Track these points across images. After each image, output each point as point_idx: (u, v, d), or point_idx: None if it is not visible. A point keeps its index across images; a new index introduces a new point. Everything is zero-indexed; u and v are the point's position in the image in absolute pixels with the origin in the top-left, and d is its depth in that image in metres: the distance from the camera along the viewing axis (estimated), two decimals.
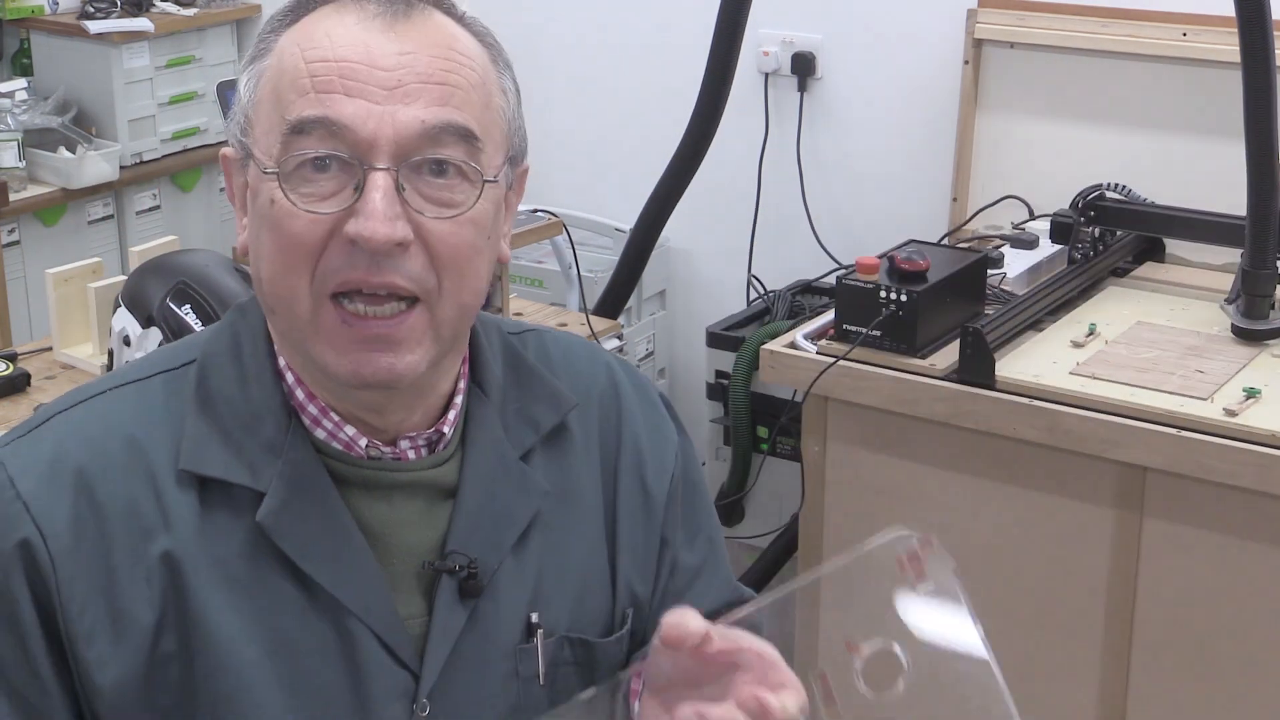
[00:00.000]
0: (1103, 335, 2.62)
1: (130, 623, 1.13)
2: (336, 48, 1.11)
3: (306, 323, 1.13)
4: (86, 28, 4.00)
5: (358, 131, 1.10)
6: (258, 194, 1.14)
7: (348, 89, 1.10)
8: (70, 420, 1.18)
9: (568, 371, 1.32)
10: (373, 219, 1.09)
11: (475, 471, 1.22)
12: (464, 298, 1.16)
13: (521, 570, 1.22)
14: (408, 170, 1.11)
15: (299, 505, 1.16)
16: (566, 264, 3.54)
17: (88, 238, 4.03)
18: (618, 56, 3.93)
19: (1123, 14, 3.15)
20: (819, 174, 3.67)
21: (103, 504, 1.14)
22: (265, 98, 1.14)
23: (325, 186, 1.11)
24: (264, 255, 1.14)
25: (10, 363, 2.54)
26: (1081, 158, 3.19)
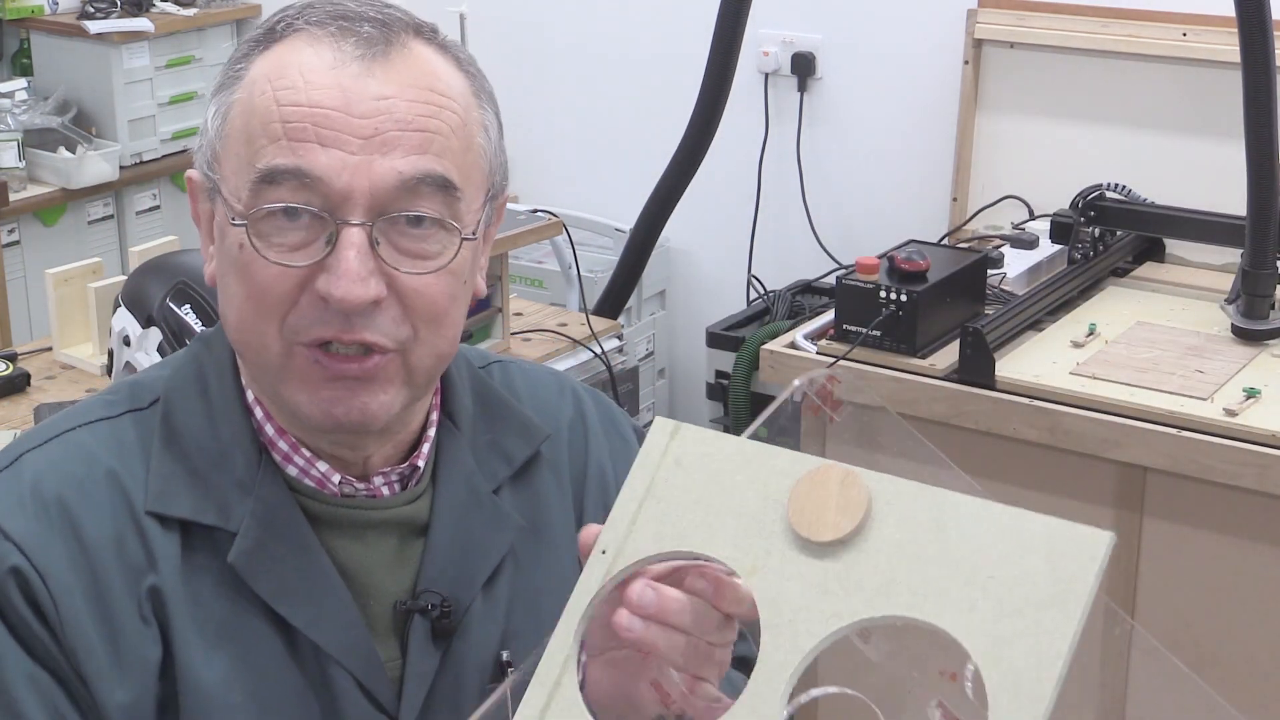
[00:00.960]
0: (1103, 335, 2.62)
1: (136, 660, 1.09)
2: (311, 91, 1.06)
3: (278, 366, 1.10)
4: (86, 28, 4.00)
5: (331, 184, 1.05)
6: (225, 235, 1.10)
7: (321, 138, 1.06)
8: (46, 456, 1.13)
9: (534, 402, 1.28)
10: (345, 279, 1.05)
11: (447, 506, 1.19)
12: (440, 346, 1.13)
13: (492, 608, 1.19)
14: (383, 224, 1.07)
15: (272, 545, 1.12)
16: (566, 264, 3.54)
17: (88, 238, 4.03)
18: (618, 57, 3.93)
19: (1123, 14, 3.15)
20: (819, 174, 3.67)
21: (91, 542, 1.10)
22: (234, 134, 1.10)
23: (295, 237, 1.07)
24: (231, 298, 1.11)
25: (10, 363, 2.54)
26: (1081, 158, 3.19)
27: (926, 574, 0.95)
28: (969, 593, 0.94)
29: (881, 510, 0.97)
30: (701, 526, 1.01)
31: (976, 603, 0.93)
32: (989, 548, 0.94)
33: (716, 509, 1.01)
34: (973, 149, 3.36)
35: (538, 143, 4.14)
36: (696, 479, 1.02)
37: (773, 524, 0.99)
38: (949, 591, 0.94)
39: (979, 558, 0.94)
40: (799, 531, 0.98)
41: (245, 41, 1.14)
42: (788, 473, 1.00)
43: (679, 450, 1.04)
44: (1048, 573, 0.92)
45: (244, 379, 1.17)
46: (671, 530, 1.01)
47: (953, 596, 0.94)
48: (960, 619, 0.93)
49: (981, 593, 0.93)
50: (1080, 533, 0.94)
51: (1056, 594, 0.92)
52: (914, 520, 0.96)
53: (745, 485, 1.01)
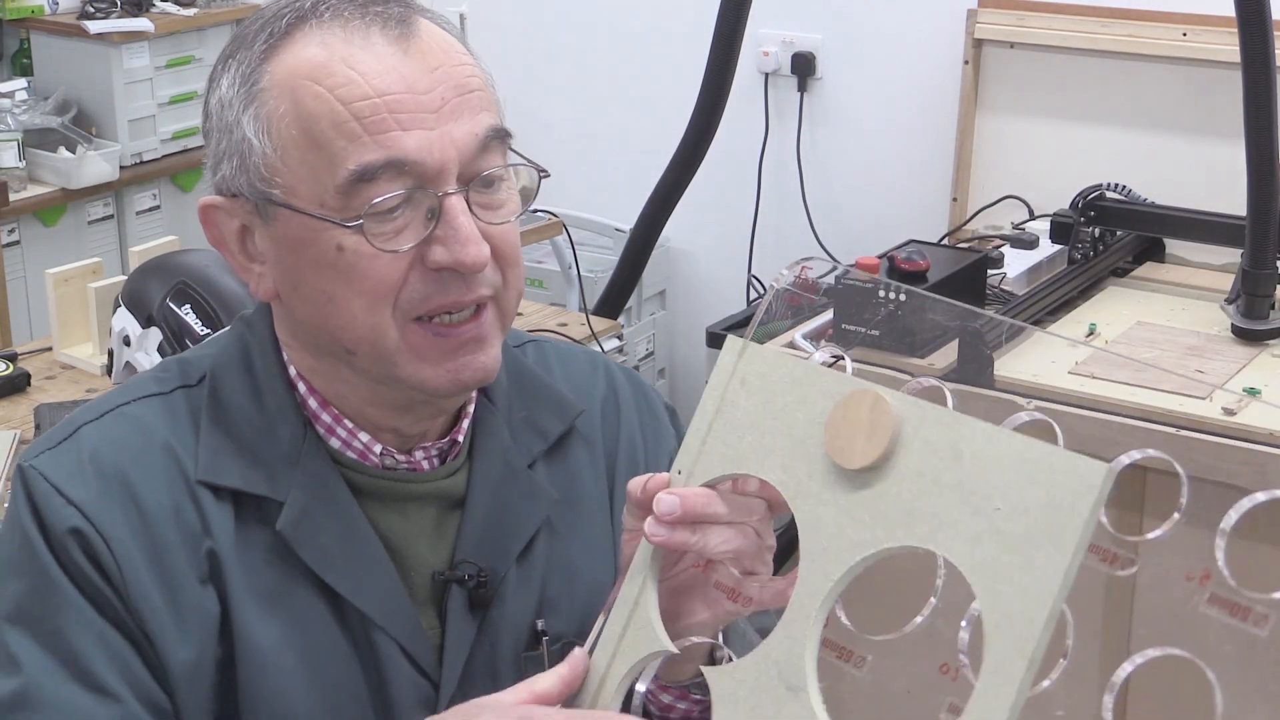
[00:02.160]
0: (1103, 335, 2.62)
1: (196, 619, 1.12)
2: (371, 80, 1.09)
3: (395, 350, 1.12)
4: (86, 28, 4.00)
5: (426, 163, 1.09)
6: (308, 244, 1.11)
7: (401, 123, 1.08)
8: (103, 429, 1.16)
9: (568, 379, 1.32)
10: (469, 244, 1.10)
11: (483, 480, 1.22)
12: (519, 284, 1.18)
13: (527, 578, 1.22)
14: (470, 186, 1.12)
15: (318, 515, 1.15)
16: (566, 264, 3.55)
17: (88, 238, 4.03)
18: (618, 56, 3.93)
19: (1123, 14, 3.15)
20: (819, 174, 3.67)
21: (149, 508, 1.13)
22: (292, 143, 1.10)
23: (398, 222, 1.10)
24: (334, 302, 1.12)
25: (10, 363, 2.54)
26: (1081, 158, 3.19)
27: (942, 504, 0.96)
28: (977, 524, 0.94)
29: (908, 436, 0.98)
30: (758, 449, 1.03)
31: (983, 535, 0.94)
32: (997, 477, 0.94)
33: (770, 431, 1.03)
34: (973, 149, 3.36)
35: (537, 142, 4.14)
36: (756, 400, 1.04)
37: (816, 448, 1.01)
38: (960, 523, 0.95)
39: (988, 488, 0.94)
40: (833, 458, 1.00)
41: (253, 48, 1.13)
42: (832, 394, 1.01)
43: (745, 369, 1.06)
44: (1045, 505, 0.93)
45: (285, 355, 1.20)
46: (734, 452, 1.04)
47: (963, 528, 0.95)
48: (967, 552, 0.94)
49: (987, 524, 0.94)
50: (1077, 464, 0.93)
51: (1051, 528, 0.92)
52: (935, 447, 0.97)
53: (795, 407, 1.03)
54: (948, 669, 0.95)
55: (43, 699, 1.08)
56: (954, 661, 0.96)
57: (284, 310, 1.18)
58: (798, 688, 0.98)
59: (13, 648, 1.10)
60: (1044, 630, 0.90)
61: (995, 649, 0.91)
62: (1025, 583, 0.92)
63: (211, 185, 1.17)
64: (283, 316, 1.19)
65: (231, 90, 1.13)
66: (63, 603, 1.10)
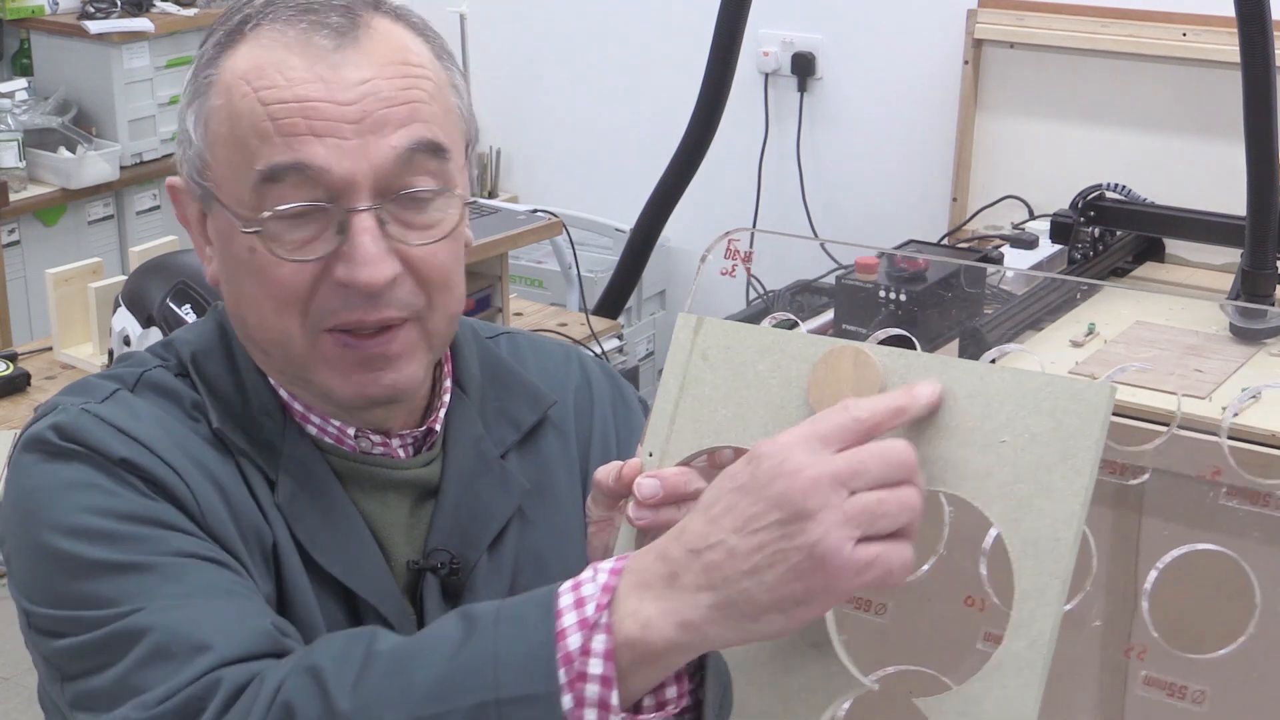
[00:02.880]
0: (1102, 335, 2.62)
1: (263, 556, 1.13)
2: (294, 86, 1.08)
3: (304, 355, 1.13)
4: (86, 28, 4.00)
5: (333, 172, 1.07)
6: (231, 240, 1.12)
7: (314, 129, 1.07)
8: (141, 396, 1.17)
9: (541, 371, 1.32)
10: (366, 264, 1.08)
11: (456, 469, 1.23)
12: (452, 308, 1.16)
13: (498, 567, 1.23)
14: (388, 203, 1.10)
15: (305, 496, 1.16)
16: (566, 264, 3.55)
17: (88, 238, 4.03)
18: (618, 57, 3.93)
19: (1123, 14, 3.15)
20: (819, 174, 3.67)
21: (200, 460, 1.13)
22: (220, 141, 1.11)
23: (305, 232, 1.09)
24: (247, 300, 1.13)
25: (10, 363, 2.54)
26: (1081, 158, 3.19)
27: (943, 446, 0.96)
28: (985, 460, 0.95)
29: (894, 385, 0.98)
30: (735, 420, 1.03)
31: (993, 469, 0.94)
32: (997, 412, 0.95)
33: (746, 401, 1.03)
34: (973, 149, 3.36)
35: (538, 143, 4.14)
36: (723, 373, 1.05)
37: (797, 410, 1.01)
38: (966, 460, 0.95)
39: (990, 423, 0.95)
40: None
41: (208, 45, 1.15)
42: (805, 356, 1.02)
43: (704, 344, 1.07)
44: (1055, 431, 0.94)
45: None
46: (708, 426, 1.04)
47: (970, 465, 0.95)
48: (979, 487, 0.95)
49: (996, 458, 0.95)
50: (1081, 389, 0.95)
51: (1065, 452, 0.93)
52: None
53: (768, 374, 1.03)
54: (973, 601, 0.95)
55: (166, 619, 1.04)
56: (978, 593, 0.97)
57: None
58: (821, 643, 0.98)
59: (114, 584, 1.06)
60: (1072, 550, 0.92)
61: (1027, 574, 0.92)
62: (1046, 507, 0.93)
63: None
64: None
65: (187, 84, 1.15)
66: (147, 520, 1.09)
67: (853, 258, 2.69)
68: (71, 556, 1.07)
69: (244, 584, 1.09)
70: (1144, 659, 1.04)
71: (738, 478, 0.93)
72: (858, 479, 0.90)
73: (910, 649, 1.07)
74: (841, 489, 0.89)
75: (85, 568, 1.06)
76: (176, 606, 1.03)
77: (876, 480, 0.90)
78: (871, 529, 0.90)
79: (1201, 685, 1.03)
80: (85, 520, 1.07)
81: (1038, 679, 0.92)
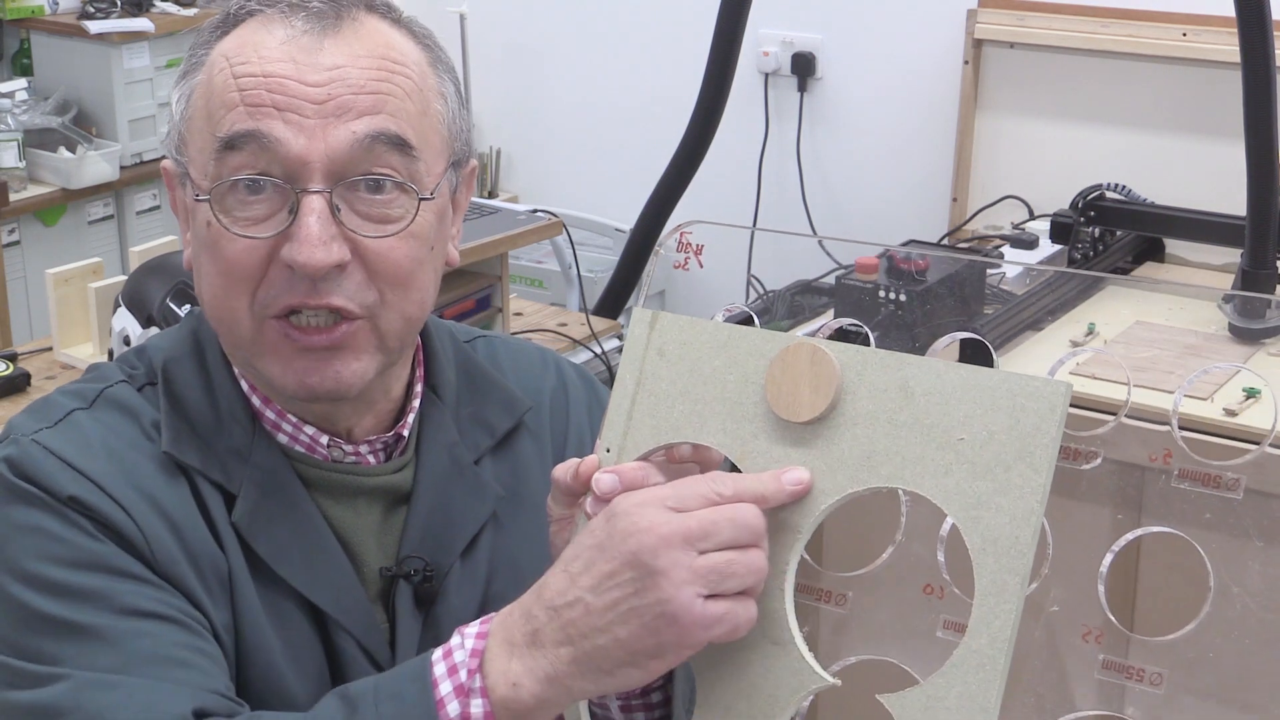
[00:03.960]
0: (1102, 335, 2.62)
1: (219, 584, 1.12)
2: (265, 63, 1.10)
3: (250, 340, 1.13)
4: (86, 28, 4.00)
5: (289, 149, 1.08)
6: (194, 215, 1.13)
7: (277, 103, 1.09)
8: (95, 415, 1.16)
9: (517, 375, 1.32)
10: (307, 244, 1.08)
11: (429, 475, 1.22)
12: (408, 310, 1.15)
13: (472, 574, 1.22)
14: (343, 189, 1.10)
15: (270, 508, 1.15)
16: (566, 264, 3.55)
17: (88, 238, 4.03)
18: (618, 56, 3.93)
19: (1123, 14, 3.15)
20: (819, 174, 3.67)
21: (149, 490, 1.12)
22: (196, 115, 1.13)
23: (259, 210, 1.10)
24: (204, 276, 1.14)
25: (10, 363, 2.54)
26: (1081, 158, 3.19)
27: (902, 442, 0.98)
28: (943, 457, 0.96)
29: (852, 382, 0.99)
30: (692, 416, 1.04)
31: (951, 466, 0.96)
32: (955, 409, 0.97)
33: (702, 397, 1.04)
34: (973, 149, 3.36)
35: (538, 143, 4.14)
36: (680, 368, 1.05)
37: (754, 407, 1.02)
38: (925, 458, 0.97)
39: (947, 420, 0.97)
40: (778, 413, 1.01)
41: (204, 30, 1.16)
42: (761, 352, 1.02)
43: (660, 340, 1.06)
44: (1012, 429, 0.95)
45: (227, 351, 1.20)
46: (665, 422, 1.05)
47: (929, 463, 0.97)
48: (938, 484, 0.96)
49: (955, 456, 0.96)
50: (1038, 386, 0.96)
51: (1023, 449, 0.95)
52: (883, 388, 0.99)
53: (724, 370, 1.04)
54: (931, 589, 0.97)
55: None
56: (937, 581, 0.99)
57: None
58: (784, 641, 1.00)
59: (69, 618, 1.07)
60: (1031, 547, 0.94)
61: (986, 572, 0.94)
62: (1005, 505, 0.95)
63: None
64: None
65: (183, 66, 1.16)
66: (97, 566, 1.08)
67: (853, 258, 2.69)
68: (20, 603, 1.08)
69: (186, 640, 1.08)
70: (1101, 643, 1.06)
71: (595, 534, 0.98)
72: (707, 540, 0.95)
73: (871, 639, 1.09)
74: (690, 549, 0.94)
75: (31, 618, 1.07)
76: (102, 685, 1.04)
77: (726, 542, 0.95)
78: (719, 588, 0.95)
79: (1159, 668, 1.06)
80: (36, 567, 1.08)
81: (999, 675, 0.94)
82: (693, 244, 1.29)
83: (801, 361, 1.00)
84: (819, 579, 1.06)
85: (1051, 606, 1.03)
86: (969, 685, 0.95)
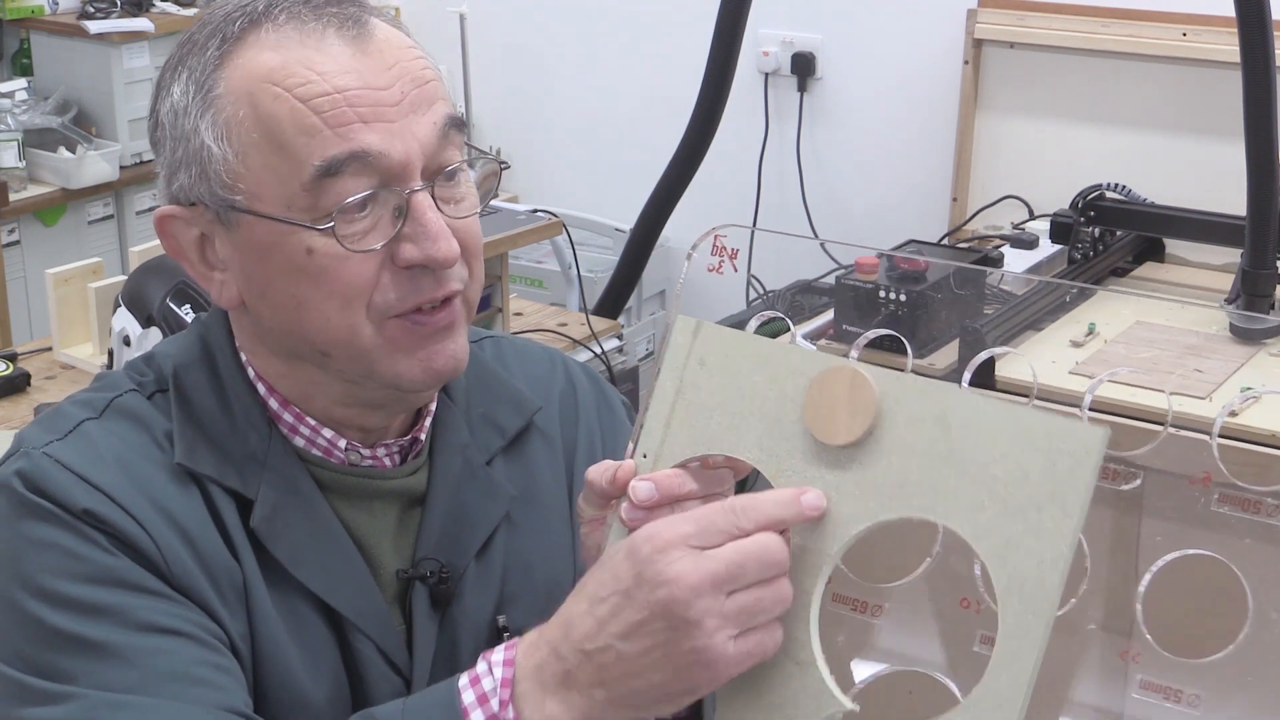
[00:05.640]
0: (1102, 335, 2.62)
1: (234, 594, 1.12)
2: (329, 78, 1.08)
3: (372, 348, 1.12)
4: (86, 28, 4.00)
5: (391, 156, 1.08)
6: (275, 249, 1.10)
7: (362, 116, 1.08)
8: (105, 426, 1.15)
9: (526, 376, 1.32)
10: (439, 240, 1.10)
11: (443, 477, 1.22)
12: (482, 276, 1.18)
13: (487, 575, 1.23)
14: (435, 182, 1.11)
15: (288, 512, 1.15)
16: (566, 264, 3.55)
17: (88, 238, 4.03)
18: (618, 56, 3.93)
19: (1123, 14, 3.15)
20: (819, 174, 3.67)
21: (162, 502, 1.12)
22: (254, 148, 1.09)
23: (365, 223, 1.09)
24: (305, 306, 1.11)
25: (10, 363, 2.54)
26: (1081, 158, 3.19)
27: (936, 474, 0.97)
28: (976, 493, 0.95)
29: (890, 409, 0.99)
30: (729, 429, 1.04)
31: (984, 503, 0.95)
32: (991, 445, 0.96)
33: (741, 411, 1.04)
34: (973, 149, 3.36)
35: (538, 143, 4.15)
36: (720, 380, 1.05)
37: (792, 425, 1.02)
38: (958, 492, 0.96)
39: (983, 456, 0.96)
40: (815, 435, 1.01)
41: (199, 54, 1.12)
42: (803, 371, 1.02)
43: (702, 350, 1.06)
44: (1047, 471, 0.94)
45: (244, 357, 1.19)
46: (702, 433, 1.05)
47: (962, 497, 0.96)
48: (969, 520, 0.95)
49: (988, 493, 0.95)
50: (1076, 430, 0.95)
51: (1056, 492, 0.94)
52: (920, 418, 0.98)
53: (764, 386, 1.03)
54: (968, 603, 0.97)
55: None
56: (974, 595, 0.98)
57: (249, 317, 1.16)
58: (806, 663, 1.00)
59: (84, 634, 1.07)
60: (1058, 591, 0.93)
61: (1011, 612, 0.94)
62: (1034, 547, 0.94)
63: (166, 195, 1.16)
64: (246, 323, 1.17)
65: (185, 98, 1.13)
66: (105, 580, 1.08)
67: (853, 258, 2.69)
68: (35, 619, 1.07)
69: (203, 656, 1.08)
70: (1139, 662, 1.05)
71: (621, 579, 0.98)
72: (735, 582, 0.95)
73: (908, 650, 1.08)
74: (720, 594, 0.95)
75: (46, 634, 1.06)
76: (118, 705, 1.03)
77: (753, 580, 0.96)
78: (749, 625, 0.96)
79: (1196, 689, 1.04)
80: (52, 583, 1.07)
81: (1017, 716, 0.94)
82: (727, 248, 1.28)
83: (841, 384, 1.00)
84: (855, 589, 1.05)
85: (1089, 625, 1.03)
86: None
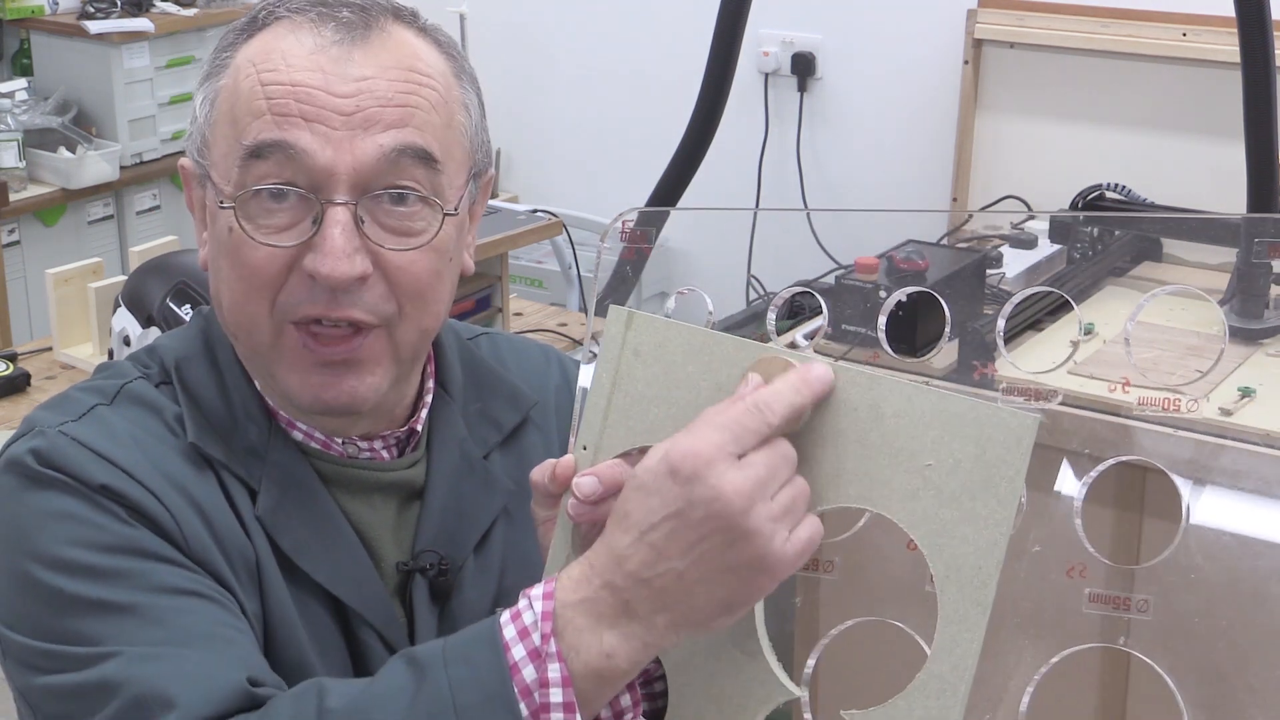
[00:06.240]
0: (1101, 335, 2.62)
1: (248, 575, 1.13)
2: (293, 72, 1.09)
3: (268, 347, 1.13)
4: (86, 28, 4.00)
5: (315, 159, 1.08)
6: (216, 219, 1.13)
7: (305, 114, 1.08)
8: (118, 411, 1.16)
9: (521, 371, 1.33)
10: (331, 256, 1.08)
11: (441, 470, 1.23)
12: (425, 322, 1.15)
13: (485, 568, 1.23)
14: (368, 201, 1.10)
15: (291, 504, 1.16)
16: (566, 264, 3.55)
17: (88, 238, 4.03)
18: (618, 56, 3.93)
19: (1123, 14, 3.15)
20: (819, 174, 3.68)
21: (178, 480, 1.13)
22: (221, 119, 1.13)
23: (283, 218, 1.10)
24: (223, 281, 1.13)
25: (10, 363, 2.55)
26: (1081, 158, 3.19)
27: (871, 463, 0.98)
28: (910, 482, 0.97)
29: (824, 399, 0.99)
30: (668, 420, 1.03)
31: (918, 491, 0.97)
32: (923, 434, 0.97)
33: (677, 401, 1.04)
34: (973, 149, 3.36)
35: (538, 143, 4.15)
36: (655, 371, 1.05)
37: None
38: (893, 481, 0.97)
39: (916, 444, 0.97)
40: None
41: (230, 31, 1.17)
42: (735, 361, 1.02)
43: (635, 340, 1.06)
44: (978, 459, 0.96)
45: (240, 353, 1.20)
46: (641, 424, 1.05)
47: (896, 486, 0.97)
48: (904, 508, 0.97)
49: (922, 482, 0.97)
50: (1005, 417, 0.97)
51: (988, 480, 0.95)
52: (854, 407, 0.99)
53: (698, 376, 1.03)
54: (914, 546, 0.99)
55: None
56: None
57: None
58: (753, 652, 1.01)
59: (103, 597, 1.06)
60: (994, 578, 0.95)
61: (950, 599, 0.95)
62: (969, 535, 0.95)
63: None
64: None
65: (207, 65, 1.17)
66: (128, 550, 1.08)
67: (852, 258, 2.69)
68: (53, 589, 1.07)
69: (226, 618, 1.08)
70: (1085, 576, 1.08)
71: (670, 502, 0.96)
72: (775, 483, 0.97)
73: (865, 599, 1.11)
74: (766, 498, 0.96)
75: (66, 602, 1.06)
76: (152, 657, 1.03)
77: (785, 479, 0.97)
78: (795, 523, 0.97)
79: (1144, 594, 1.08)
80: (67, 552, 1.07)
81: (959, 701, 0.96)
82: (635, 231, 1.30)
83: (774, 375, 1.00)
84: None
85: (1033, 547, 1.05)
86: (930, 710, 0.96)
